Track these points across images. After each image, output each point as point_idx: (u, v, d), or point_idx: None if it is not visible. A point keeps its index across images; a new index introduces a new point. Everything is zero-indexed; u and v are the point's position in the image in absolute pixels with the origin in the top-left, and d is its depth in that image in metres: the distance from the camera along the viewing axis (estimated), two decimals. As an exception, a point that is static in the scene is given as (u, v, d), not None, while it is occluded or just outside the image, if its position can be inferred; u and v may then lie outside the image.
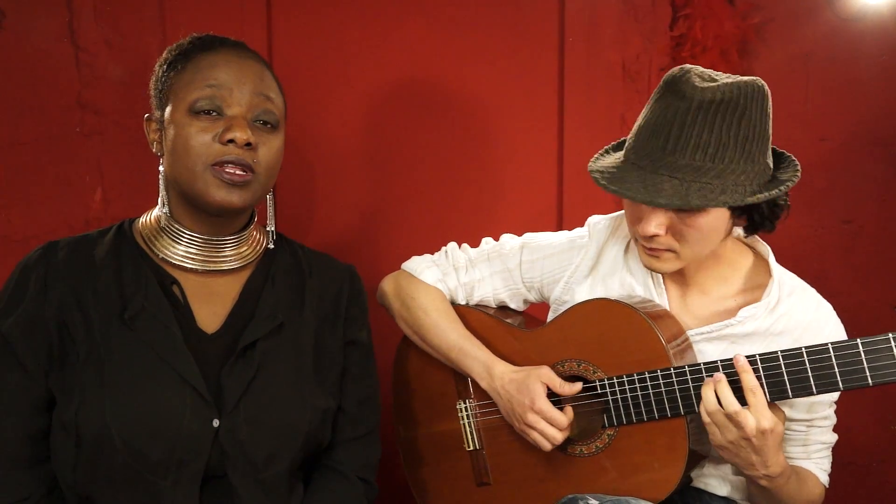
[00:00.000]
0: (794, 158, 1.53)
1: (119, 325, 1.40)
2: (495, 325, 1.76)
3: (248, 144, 1.40)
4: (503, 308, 1.85)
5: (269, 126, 1.45)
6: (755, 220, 1.52)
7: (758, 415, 1.40)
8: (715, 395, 1.43)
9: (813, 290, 1.61)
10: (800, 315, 1.56)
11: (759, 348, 1.55)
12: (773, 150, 1.52)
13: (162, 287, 1.45)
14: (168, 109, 1.43)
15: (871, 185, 2.18)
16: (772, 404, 1.43)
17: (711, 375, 1.46)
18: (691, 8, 2.15)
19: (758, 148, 1.45)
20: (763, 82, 1.47)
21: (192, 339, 1.43)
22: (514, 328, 1.74)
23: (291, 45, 2.21)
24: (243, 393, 1.41)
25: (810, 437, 1.61)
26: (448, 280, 1.80)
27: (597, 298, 1.64)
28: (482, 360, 1.69)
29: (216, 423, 1.39)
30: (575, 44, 2.20)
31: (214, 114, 1.41)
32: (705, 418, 1.45)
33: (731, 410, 1.41)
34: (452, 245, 1.85)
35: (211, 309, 1.48)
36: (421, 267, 1.81)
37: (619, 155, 1.54)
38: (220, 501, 1.40)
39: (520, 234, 1.84)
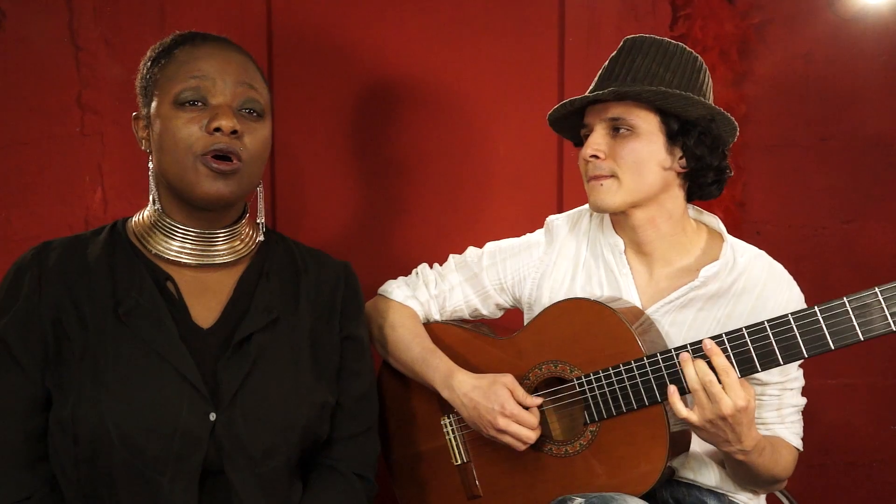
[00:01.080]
0: (734, 120, 1.62)
1: (114, 321, 1.41)
2: (471, 337, 1.77)
3: (235, 132, 1.40)
4: (478, 322, 1.87)
5: (254, 115, 1.45)
6: (694, 151, 1.59)
7: (732, 394, 1.44)
8: (693, 372, 1.47)
9: (763, 252, 1.69)
10: (756, 272, 1.63)
11: (725, 310, 1.61)
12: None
13: (156, 283, 1.45)
14: (153, 104, 1.44)
15: (871, 185, 2.18)
16: (742, 382, 1.47)
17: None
18: (691, 8, 2.16)
19: (689, 90, 1.58)
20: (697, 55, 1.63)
21: (188, 334, 1.43)
22: (489, 338, 1.75)
23: (291, 44, 2.21)
24: (239, 387, 1.42)
25: (783, 401, 1.65)
26: (419, 294, 1.83)
27: (566, 299, 1.66)
28: (442, 371, 1.70)
29: (213, 417, 1.39)
30: (575, 44, 2.20)
31: (199, 104, 1.41)
32: (682, 412, 1.48)
33: (707, 379, 1.45)
34: (423, 265, 1.89)
35: (206, 304, 1.48)
36: (391, 287, 1.85)
37: None
38: (219, 497, 1.40)
39: (518, 235, 1.85)
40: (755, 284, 1.62)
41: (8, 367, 1.40)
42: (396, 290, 1.83)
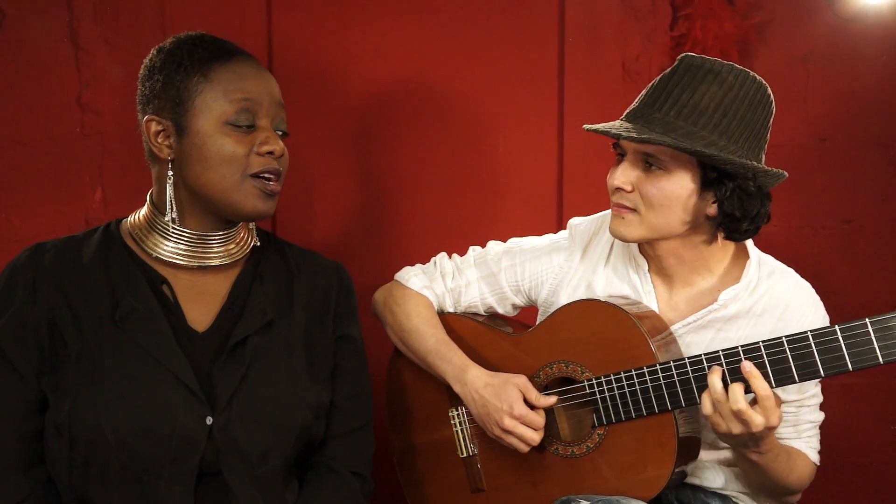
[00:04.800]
0: (784, 172, 1.54)
1: (110, 325, 1.41)
2: (484, 331, 1.77)
3: (281, 154, 1.46)
4: (492, 315, 1.86)
5: (283, 133, 1.50)
6: (725, 207, 1.51)
7: (768, 415, 1.41)
8: (721, 383, 1.44)
9: (791, 271, 1.63)
10: (780, 294, 1.59)
11: (744, 332, 1.58)
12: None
13: (151, 286, 1.45)
14: (191, 118, 1.42)
15: (871, 185, 2.18)
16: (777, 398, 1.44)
17: (701, 368, 1.48)
18: (691, 8, 2.15)
19: (739, 132, 1.48)
20: (766, 84, 1.51)
21: (183, 338, 1.44)
22: (502, 333, 1.74)
23: (291, 45, 2.21)
24: (235, 390, 1.42)
25: (800, 418, 1.63)
26: (435, 286, 1.81)
27: (583, 299, 1.66)
28: (456, 364, 1.70)
29: (209, 420, 1.40)
30: (575, 44, 2.20)
31: (248, 126, 1.44)
32: (707, 409, 1.45)
33: (738, 408, 1.41)
34: (442, 255, 1.87)
35: (201, 307, 1.48)
36: (409, 275, 1.83)
37: None
38: (216, 499, 1.41)
39: (518, 235, 1.85)
40: (776, 305, 1.58)
41: (2, 370, 1.41)
42: (413, 277, 1.82)
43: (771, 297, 1.59)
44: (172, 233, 1.47)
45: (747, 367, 1.42)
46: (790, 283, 1.61)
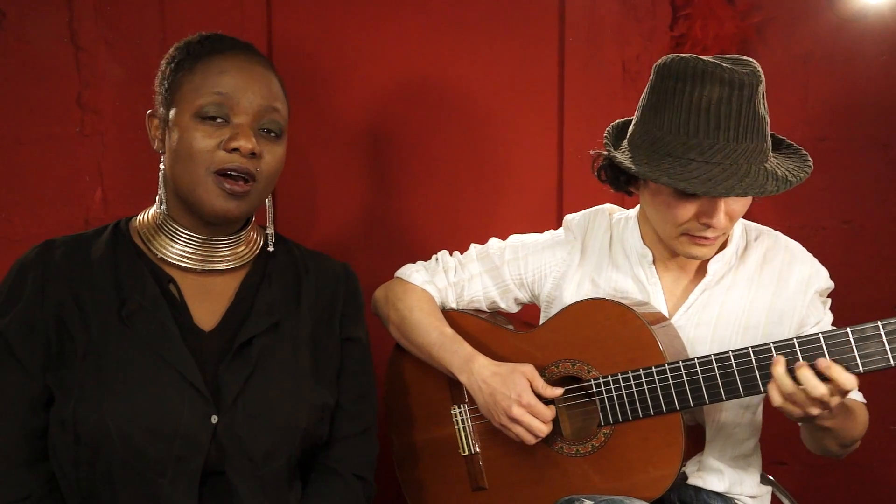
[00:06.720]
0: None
1: (117, 322, 1.41)
2: (489, 327, 1.77)
3: (253, 154, 1.41)
4: (495, 312, 1.86)
5: (273, 135, 1.46)
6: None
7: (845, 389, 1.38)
8: (790, 376, 1.40)
9: (778, 233, 1.69)
10: (773, 255, 1.65)
11: (747, 298, 1.62)
12: None
13: (158, 285, 1.45)
14: (173, 111, 1.43)
15: (871, 185, 2.18)
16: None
17: (710, 368, 1.49)
18: (691, 8, 2.16)
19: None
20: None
21: (190, 337, 1.44)
22: (507, 330, 1.74)
23: (291, 45, 2.21)
24: (241, 389, 1.42)
25: None
26: (437, 280, 1.82)
27: (590, 298, 1.66)
28: (462, 355, 1.69)
29: (214, 419, 1.40)
30: (575, 44, 2.20)
31: (220, 120, 1.41)
32: (777, 401, 1.41)
33: (818, 395, 1.37)
34: (443, 251, 1.88)
35: (208, 306, 1.48)
36: (410, 271, 1.84)
37: (666, 153, 1.49)
38: (220, 498, 1.41)
39: (519, 234, 1.85)
40: (773, 266, 1.63)
41: (9, 366, 1.41)
42: (415, 273, 1.82)
43: (765, 260, 1.64)
44: (180, 236, 1.47)
45: (825, 363, 1.38)
46: (780, 243, 1.66)
